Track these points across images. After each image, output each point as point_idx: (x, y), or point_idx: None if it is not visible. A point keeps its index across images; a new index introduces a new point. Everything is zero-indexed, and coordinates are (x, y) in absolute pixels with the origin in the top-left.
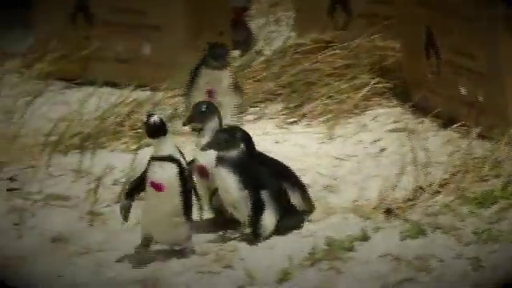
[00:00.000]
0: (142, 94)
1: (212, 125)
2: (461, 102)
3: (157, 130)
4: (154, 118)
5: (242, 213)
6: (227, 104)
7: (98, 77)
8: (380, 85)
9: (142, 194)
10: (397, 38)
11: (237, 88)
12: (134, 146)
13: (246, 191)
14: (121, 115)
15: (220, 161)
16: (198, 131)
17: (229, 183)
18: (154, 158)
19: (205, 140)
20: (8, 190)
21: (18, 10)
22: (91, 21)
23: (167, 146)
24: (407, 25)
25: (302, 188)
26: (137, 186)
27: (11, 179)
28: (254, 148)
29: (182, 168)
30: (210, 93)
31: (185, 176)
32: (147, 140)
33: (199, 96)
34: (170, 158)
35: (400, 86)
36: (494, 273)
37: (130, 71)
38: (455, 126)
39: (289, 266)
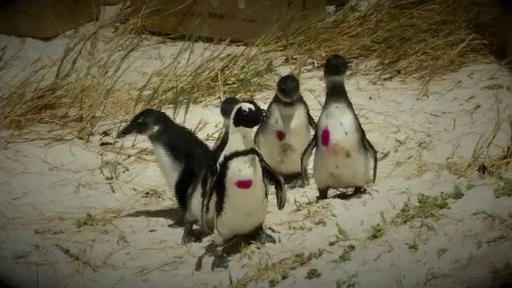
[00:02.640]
0: (236, 49)
1: None
2: None
3: (248, 120)
4: (249, 106)
5: (356, 159)
6: (299, 147)
7: (193, 32)
8: (476, 41)
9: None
10: None
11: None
12: None
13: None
14: (214, 70)
15: (343, 98)
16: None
17: (351, 121)
18: (236, 154)
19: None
20: (102, 144)
21: None
22: None
23: (249, 138)
24: None
25: None
26: (212, 194)
27: (105, 134)
28: None
29: (260, 156)
30: (279, 134)
31: (262, 161)
32: (242, 95)
33: (269, 138)
34: (253, 151)
35: (496, 42)
36: None
37: (225, 26)
38: None
39: (381, 222)
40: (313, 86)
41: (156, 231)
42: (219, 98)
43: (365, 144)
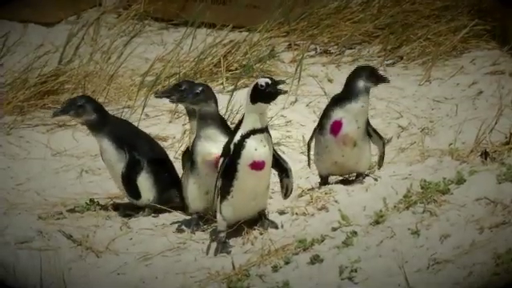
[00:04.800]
0: (239, 35)
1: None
2: None
3: (266, 95)
4: (266, 80)
5: (361, 148)
6: None
7: (195, 18)
8: (479, 27)
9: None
10: None
11: None
12: (230, 87)
13: None
14: (217, 56)
15: (367, 101)
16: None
17: (365, 119)
18: (253, 132)
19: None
20: None
21: None
22: None
23: (265, 115)
24: None
25: None
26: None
27: None
28: None
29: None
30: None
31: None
32: (244, 81)
33: None
34: (267, 129)
35: (499, 28)
36: None
37: (227, 12)
38: None
39: (383, 208)
40: (315, 72)
41: (158, 217)
42: (222, 84)
43: (369, 132)
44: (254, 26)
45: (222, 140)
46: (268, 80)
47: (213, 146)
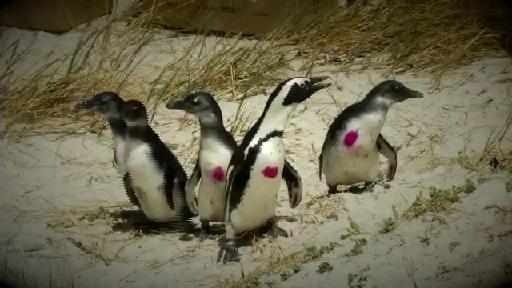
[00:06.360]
0: (248, 43)
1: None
2: None
3: (305, 92)
4: (304, 79)
5: (372, 158)
6: None
7: (205, 25)
8: (488, 35)
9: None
10: None
11: None
12: (239, 96)
13: None
14: (227, 64)
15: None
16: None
17: (379, 131)
18: (273, 134)
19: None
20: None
21: None
22: None
23: (289, 118)
24: None
25: None
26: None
27: None
28: None
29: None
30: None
31: None
32: (253, 89)
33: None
34: (282, 134)
35: (509, 36)
36: None
37: (237, 20)
38: None
39: (393, 216)
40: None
41: (167, 225)
42: (231, 91)
43: (380, 143)
44: (263, 33)
45: (223, 150)
46: (307, 78)
47: (213, 156)
